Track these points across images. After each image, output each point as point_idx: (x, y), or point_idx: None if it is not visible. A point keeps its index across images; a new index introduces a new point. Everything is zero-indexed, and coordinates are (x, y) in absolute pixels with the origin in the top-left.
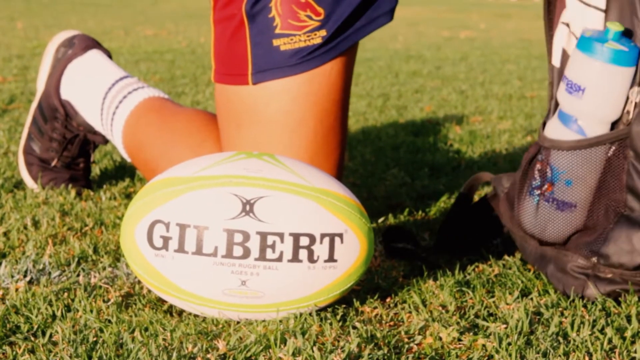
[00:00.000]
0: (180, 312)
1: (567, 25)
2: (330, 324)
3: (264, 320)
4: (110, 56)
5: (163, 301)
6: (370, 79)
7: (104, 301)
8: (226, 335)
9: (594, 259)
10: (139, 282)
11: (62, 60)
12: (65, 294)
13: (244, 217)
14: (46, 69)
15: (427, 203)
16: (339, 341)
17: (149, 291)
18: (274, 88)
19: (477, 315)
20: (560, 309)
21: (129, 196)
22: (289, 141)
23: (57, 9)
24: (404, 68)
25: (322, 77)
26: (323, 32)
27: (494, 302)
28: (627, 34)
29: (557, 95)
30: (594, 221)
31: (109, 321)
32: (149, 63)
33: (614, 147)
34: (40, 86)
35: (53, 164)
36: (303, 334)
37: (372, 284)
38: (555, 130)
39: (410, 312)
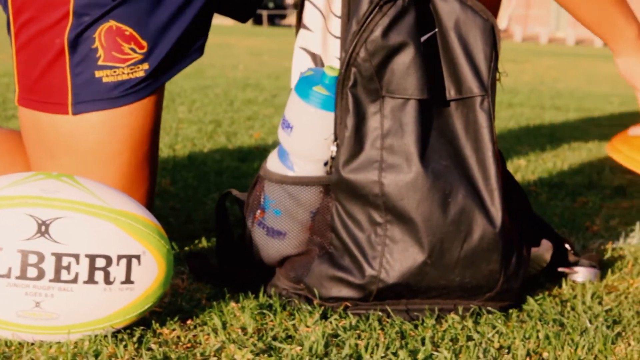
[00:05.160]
0: None
1: (305, 50)
2: (125, 345)
3: (59, 342)
4: None
5: None
6: (204, 105)
7: None
8: (16, 357)
9: (301, 285)
10: None
11: None
12: None
13: (39, 238)
14: None
15: None
16: None
17: None
18: (94, 119)
19: (275, 338)
20: (358, 331)
21: None
22: (103, 172)
23: None
24: (240, 96)
25: (140, 110)
26: (146, 66)
27: (294, 324)
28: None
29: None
30: (305, 252)
31: None
32: None
33: (321, 188)
34: None
35: None
36: (96, 355)
37: (175, 306)
38: (273, 162)
39: (208, 334)
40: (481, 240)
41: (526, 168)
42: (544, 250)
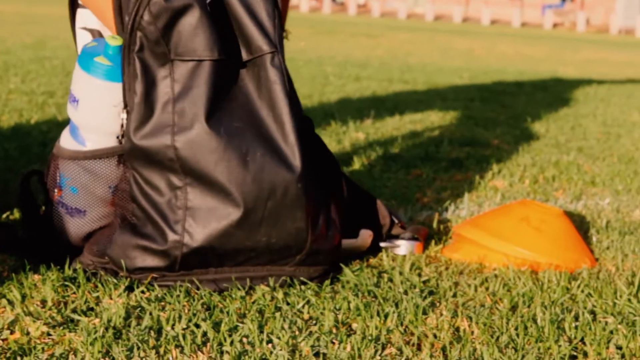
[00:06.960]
0: None
1: (85, 29)
2: None
3: None
4: None
5: None
6: (40, 76)
7: None
8: None
9: (106, 258)
10: None
11: None
12: None
13: None
14: None
15: None
16: None
17: None
18: None
19: (75, 310)
20: (163, 303)
21: None
22: None
23: None
24: None
25: None
26: None
27: (97, 297)
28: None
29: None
30: (108, 225)
31: None
32: None
33: (118, 159)
34: None
35: None
36: None
37: None
38: (65, 139)
39: (4, 307)
40: (284, 196)
41: (365, 141)
42: (364, 239)
